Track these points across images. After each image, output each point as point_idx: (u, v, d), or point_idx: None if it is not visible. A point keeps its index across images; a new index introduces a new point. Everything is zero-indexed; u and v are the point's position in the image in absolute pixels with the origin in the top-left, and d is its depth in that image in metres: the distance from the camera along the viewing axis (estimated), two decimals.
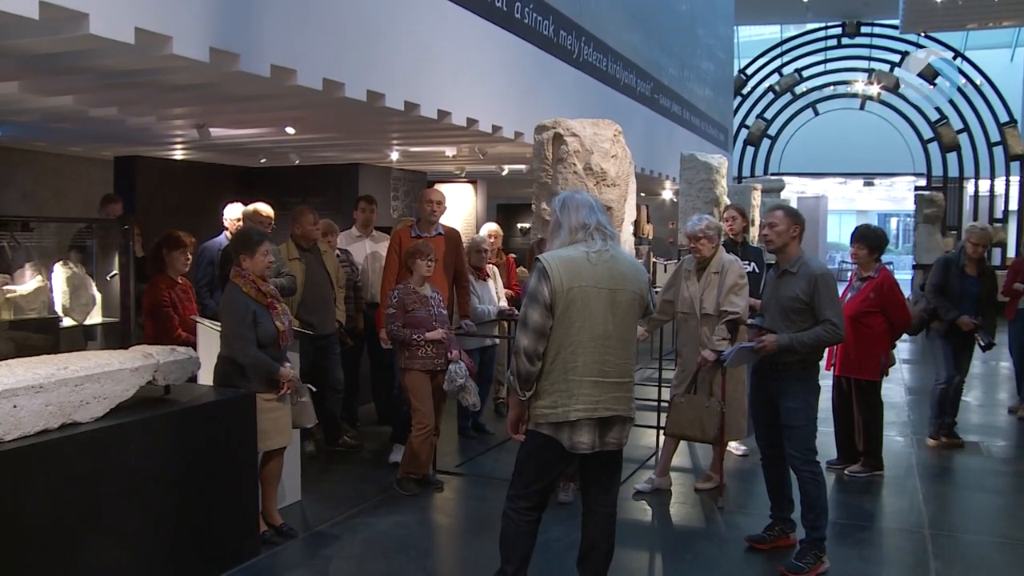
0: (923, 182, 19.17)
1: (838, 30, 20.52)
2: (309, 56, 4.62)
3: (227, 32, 4.08)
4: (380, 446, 6.01)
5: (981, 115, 18.32)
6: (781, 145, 20.73)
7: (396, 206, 9.20)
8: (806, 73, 20.60)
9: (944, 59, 19.43)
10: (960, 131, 18.33)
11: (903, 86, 19.21)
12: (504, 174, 10.02)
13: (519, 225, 13.24)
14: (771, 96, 20.60)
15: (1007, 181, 18.97)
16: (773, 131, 20.50)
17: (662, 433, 5.44)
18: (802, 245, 4.11)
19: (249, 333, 4.04)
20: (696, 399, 4.76)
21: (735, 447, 5.85)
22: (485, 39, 6.60)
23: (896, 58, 19.53)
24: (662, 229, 15.51)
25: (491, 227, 7.32)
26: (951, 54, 19.14)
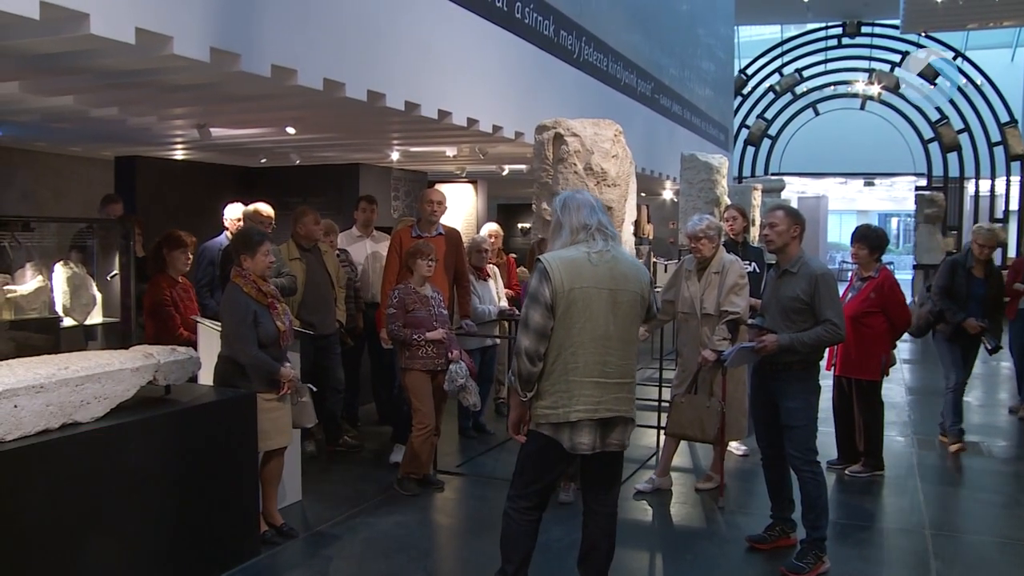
0: (924, 182, 19.15)
1: (838, 30, 20.49)
2: (310, 56, 4.62)
3: (228, 32, 4.08)
4: (381, 446, 6.02)
5: (982, 115, 18.31)
6: (781, 145, 20.70)
7: (397, 206, 9.20)
8: (806, 73, 20.57)
9: (944, 59, 19.41)
10: (960, 131, 18.31)
11: (903, 86, 19.20)
12: (504, 174, 10.02)
13: (519, 225, 13.24)
14: (771, 96, 20.57)
15: (1008, 181, 18.95)
16: (773, 131, 20.48)
17: (662, 433, 5.44)
18: (802, 245, 4.11)
19: (250, 333, 4.04)
20: (697, 399, 4.76)
21: (735, 447, 5.86)
22: (485, 39, 6.59)
23: (896, 58, 19.51)
24: (663, 229, 15.50)
25: (491, 227, 7.32)
26: (951, 54, 19.13)
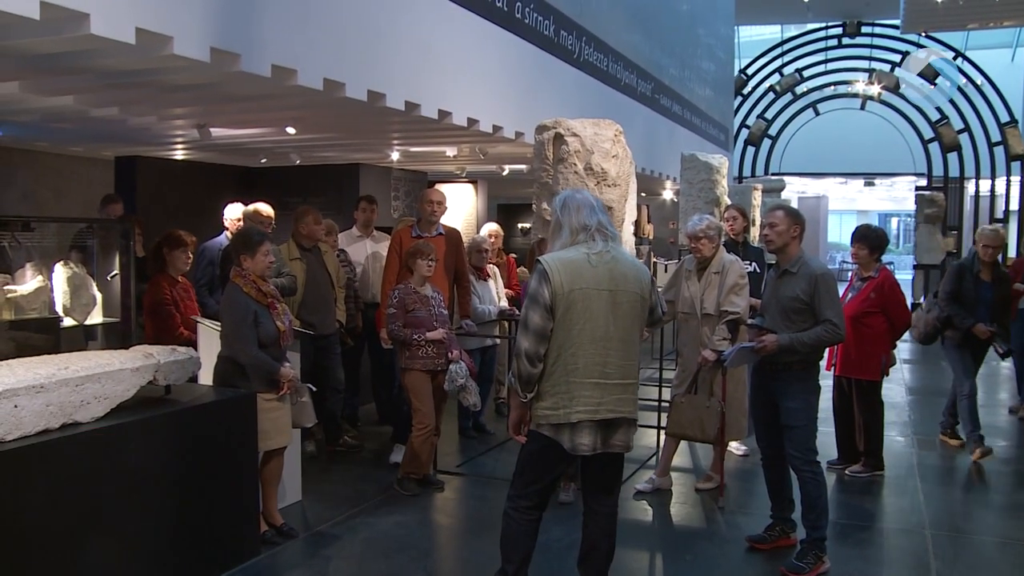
0: (924, 182, 19.12)
1: (839, 30, 20.47)
2: (310, 56, 4.62)
3: (228, 32, 4.08)
4: (381, 446, 6.02)
5: (982, 115, 18.29)
6: (782, 145, 20.68)
7: (397, 206, 9.20)
8: (807, 73, 20.55)
9: (945, 59, 19.40)
10: (961, 131, 18.29)
11: (904, 86, 19.18)
12: (505, 174, 10.01)
13: (519, 225, 13.24)
14: (772, 96, 20.54)
15: (1008, 181, 18.94)
16: (774, 131, 20.46)
17: (662, 433, 5.44)
18: (802, 245, 4.11)
19: (250, 333, 4.04)
20: (697, 399, 4.76)
21: (735, 447, 5.86)
22: (485, 39, 6.59)
23: (897, 58, 19.49)
24: (663, 229, 15.49)
25: (491, 227, 7.32)
26: (952, 54, 19.11)
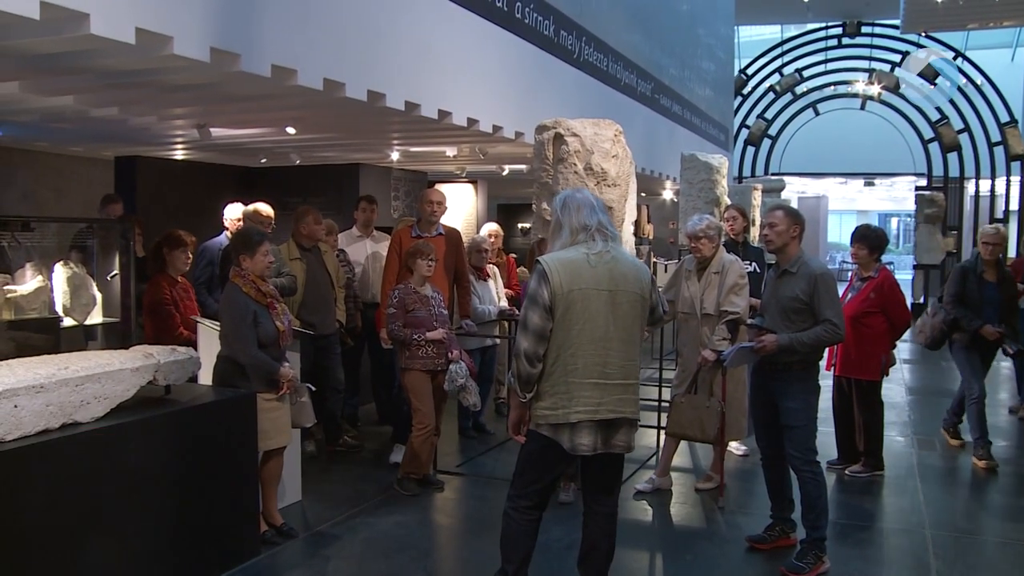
0: (924, 182, 19.11)
1: (839, 30, 20.47)
2: (310, 56, 4.62)
3: (228, 32, 4.08)
4: (380, 446, 6.02)
5: (982, 115, 18.29)
6: (781, 145, 20.67)
7: (397, 206, 9.20)
8: (807, 73, 20.55)
9: (945, 59, 19.39)
10: (961, 131, 18.28)
11: (904, 86, 19.18)
12: (504, 174, 10.01)
13: (519, 225, 13.24)
14: (771, 96, 20.54)
15: (1008, 181, 18.94)
16: (773, 131, 20.45)
17: (662, 433, 5.44)
18: (802, 245, 4.12)
19: (249, 333, 4.04)
20: (696, 399, 4.76)
21: (735, 447, 5.86)
22: (485, 39, 6.59)
23: (897, 58, 19.49)
24: (663, 229, 15.49)
25: (491, 227, 7.32)
26: (952, 54, 19.11)
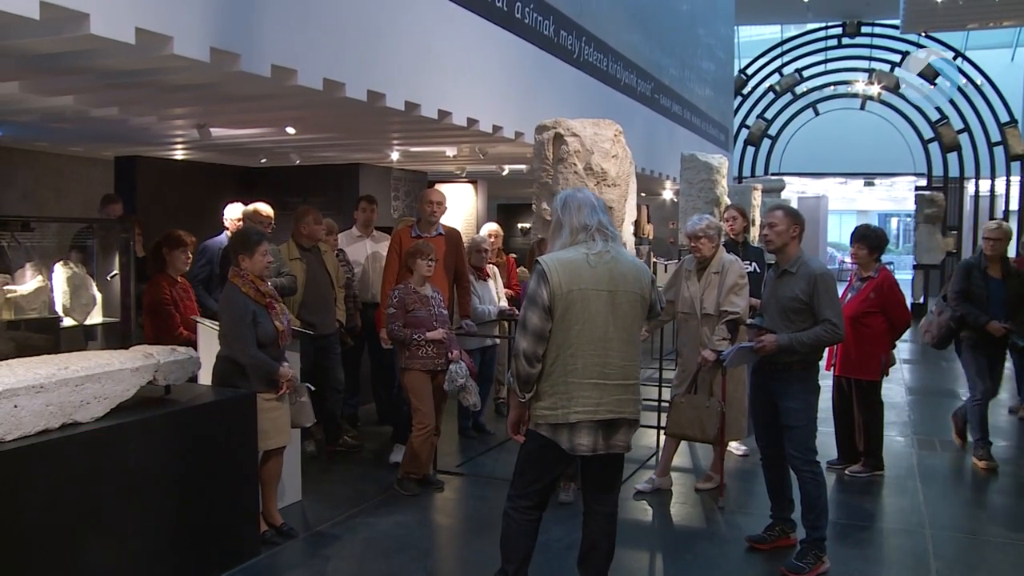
0: (923, 182, 19.11)
1: (838, 30, 20.46)
2: (310, 56, 4.62)
3: (228, 32, 4.08)
4: (380, 446, 6.02)
5: (982, 115, 18.29)
6: (781, 145, 20.67)
7: (396, 206, 9.20)
8: (806, 73, 20.54)
9: (944, 59, 19.39)
10: (960, 131, 18.28)
11: (903, 86, 19.17)
12: (504, 174, 10.02)
13: (519, 225, 13.24)
14: (771, 96, 20.54)
15: (1007, 181, 18.94)
16: (773, 131, 20.45)
17: (662, 433, 5.44)
18: (802, 245, 4.12)
19: (249, 333, 4.04)
20: (696, 399, 4.76)
21: (735, 447, 5.86)
22: (485, 39, 6.59)
23: (896, 58, 19.49)
24: (663, 229, 15.49)
25: (491, 227, 7.32)
26: (951, 54, 19.10)
